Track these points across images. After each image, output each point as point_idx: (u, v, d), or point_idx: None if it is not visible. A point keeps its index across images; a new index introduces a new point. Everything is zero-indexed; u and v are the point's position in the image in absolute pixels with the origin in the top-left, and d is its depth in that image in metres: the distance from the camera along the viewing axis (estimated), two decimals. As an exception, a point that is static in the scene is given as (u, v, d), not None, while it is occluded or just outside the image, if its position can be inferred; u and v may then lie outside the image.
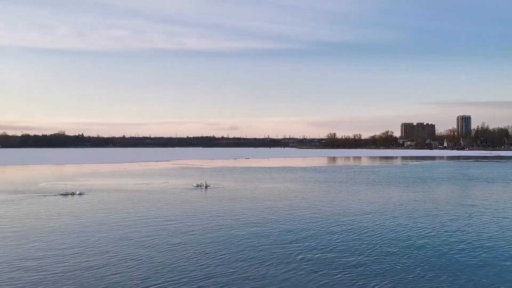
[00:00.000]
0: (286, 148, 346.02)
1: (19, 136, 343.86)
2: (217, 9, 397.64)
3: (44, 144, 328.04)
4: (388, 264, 13.38)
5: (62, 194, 30.89)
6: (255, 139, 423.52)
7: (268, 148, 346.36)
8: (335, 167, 77.64)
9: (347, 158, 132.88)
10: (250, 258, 13.91)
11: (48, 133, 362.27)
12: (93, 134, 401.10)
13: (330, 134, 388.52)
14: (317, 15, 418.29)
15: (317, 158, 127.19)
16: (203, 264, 13.27)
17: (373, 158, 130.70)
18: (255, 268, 12.94)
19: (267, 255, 14.36)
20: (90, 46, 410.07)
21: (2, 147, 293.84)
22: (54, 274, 12.23)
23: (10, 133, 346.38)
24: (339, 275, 12.23)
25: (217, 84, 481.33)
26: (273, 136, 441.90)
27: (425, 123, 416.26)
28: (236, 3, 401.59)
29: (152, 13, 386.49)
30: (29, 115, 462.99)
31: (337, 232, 18.07)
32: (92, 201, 27.71)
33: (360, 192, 33.94)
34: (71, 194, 30.84)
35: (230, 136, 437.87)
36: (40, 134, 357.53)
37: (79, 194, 30.80)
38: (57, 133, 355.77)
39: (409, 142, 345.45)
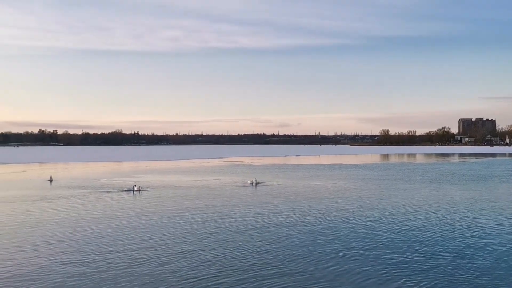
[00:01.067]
0: (338, 145, 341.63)
1: (80, 135, 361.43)
2: (268, 6, 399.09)
3: (102, 142, 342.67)
4: (440, 263, 13.12)
5: (125, 190, 32.24)
6: (305, 136, 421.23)
7: (319, 145, 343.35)
8: (389, 164, 75.96)
9: (401, 155, 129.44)
10: (317, 254, 14.09)
11: (106, 131, 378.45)
12: (148, 132, 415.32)
13: (383, 130, 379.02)
14: (370, 9, 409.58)
15: (370, 155, 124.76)
16: (267, 261, 13.60)
17: (428, 155, 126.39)
18: (326, 264, 13.10)
19: (328, 252, 14.48)
20: (146, 47, 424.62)
21: (64, 145, 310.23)
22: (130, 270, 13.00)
23: (71, 131, 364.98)
24: (398, 273, 12.16)
25: (268, 81, 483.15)
26: (324, 133, 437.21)
27: (484, 119, 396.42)
28: (287, 0, 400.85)
29: (205, 12, 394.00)
30: (89, 114, 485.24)
31: (394, 230, 17.84)
32: (151, 198, 28.84)
33: (415, 190, 33.12)
34: (132, 190, 32.08)
35: (281, 134, 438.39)
36: (99, 133, 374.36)
37: (139, 190, 31.96)
38: (114, 132, 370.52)
39: (467, 139, 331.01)
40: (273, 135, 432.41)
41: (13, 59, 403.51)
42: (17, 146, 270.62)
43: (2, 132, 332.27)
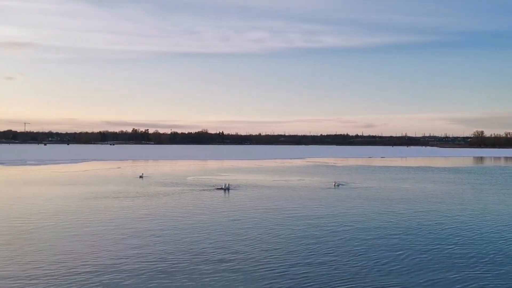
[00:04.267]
0: (426, 147, 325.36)
1: (169, 134, 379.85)
2: (353, 5, 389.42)
3: (189, 141, 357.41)
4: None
5: (216, 189, 33.24)
6: (391, 137, 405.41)
7: (406, 146, 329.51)
8: (483, 168, 70.87)
9: (497, 158, 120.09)
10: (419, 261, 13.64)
11: (193, 130, 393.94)
12: (232, 132, 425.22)
13: (477, 132, 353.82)
14: (461, 4, 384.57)
15: (462, 158, 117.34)
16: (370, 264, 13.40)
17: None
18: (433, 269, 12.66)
19: (428, 259, 13.92)
20: (233, 49, 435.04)
21: (155, 143, 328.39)
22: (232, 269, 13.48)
23: (161, 131, 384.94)
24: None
25: (352, 80, 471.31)
26: (411, 134, 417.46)
27: None
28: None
29: (290, 13, 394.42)
30: (177, 114, 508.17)
31: (490, 241, 16.66)
32: (240, 196, 29.55)
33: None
34: (223, 188, 32.95)
35: (365, 134, 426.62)
36: (186, 132, 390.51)
37: (227, 189, 32.70)
38: (200, 131, 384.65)
39: None
40: (357, 136, 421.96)
41: (111, 63, 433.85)
42: (113, 144, 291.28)
43: (99, 131, 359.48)
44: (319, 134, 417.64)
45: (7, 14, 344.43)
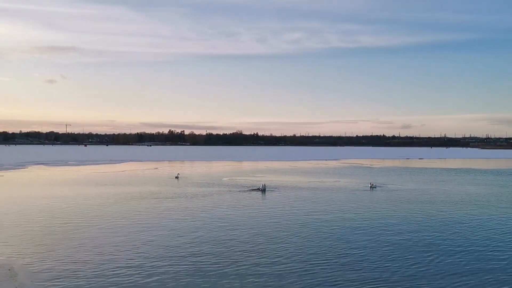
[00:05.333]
0: (466, 148, 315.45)
1: (204, 135, 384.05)
2: (390, 4, 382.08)
3: (224, 142, 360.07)
4: None
5: (253, 190, 33.30)
6: (429, 138, 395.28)
7: (445, 148, 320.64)
8: (528, 170, 68.01)
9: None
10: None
11: (228, 132, 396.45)
12: (266, 133, 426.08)
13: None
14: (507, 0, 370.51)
15: (505, 160, 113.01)
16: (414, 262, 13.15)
17: None
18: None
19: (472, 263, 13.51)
20: (270, 50, 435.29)
21: (190, 144, 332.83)
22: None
23: (196, 132, 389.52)
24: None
25: (389, 80, 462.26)
26: (451, 135, 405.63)
27: None
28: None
29: (326, 13, 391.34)
30: (213, 115, 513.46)
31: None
32: (276, 198, 29.59)
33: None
34: (257, 189, 33.03)
35: (402, 135, 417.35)
36: (221, 133, 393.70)
37: (263, 190, 32.62)
38: (235, 132, 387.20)
39: None
40: (393, 137, 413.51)
41: (148, 66, 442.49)
42: (150, 145, 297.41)
43: (137, 133, 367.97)
44: (354, 135, 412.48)
45: (49, 19, 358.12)
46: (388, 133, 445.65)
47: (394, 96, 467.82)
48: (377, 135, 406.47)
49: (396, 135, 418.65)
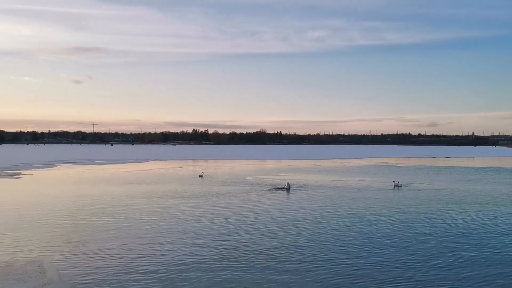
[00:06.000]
0: (496, 147, 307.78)
1: (228, 134, 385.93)
2: (415, 0, 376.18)
3: (248, 141, 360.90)
4: None
5: (277, 189, 33.34)
6: (456, 136, 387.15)
7: (473, 146, 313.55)
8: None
9: None
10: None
11: (251, 131, 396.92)
12: (290, 132, 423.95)
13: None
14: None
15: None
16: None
17: None
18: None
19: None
20: (293, 49, 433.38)
21: (214, 143, 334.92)
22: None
23: (220, 131, 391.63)
24: None
25: (415, 78, 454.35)
26: (479, 133, 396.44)
27: None
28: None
29: (350, 10, 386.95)
30: (236, 114, 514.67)
31: None
32: (301, 196, 29.54)
33: None
34: (282, 188, 33.05)
35: (428, 134, 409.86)
36: (245, 132, 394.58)
37: (288, 189, 32.58)
38: (258, 131, 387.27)
39: None
40: (419, 135, 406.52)
41: (173, 66, 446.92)
42: (174, 144, 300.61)
43: (162, 132, 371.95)
44: (379, 134, 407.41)
45: (76, 21, 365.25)
46: (414, 131, 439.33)
47: (419, 93, 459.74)
48: (402, 134, 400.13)
49: (422, 133, 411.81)
